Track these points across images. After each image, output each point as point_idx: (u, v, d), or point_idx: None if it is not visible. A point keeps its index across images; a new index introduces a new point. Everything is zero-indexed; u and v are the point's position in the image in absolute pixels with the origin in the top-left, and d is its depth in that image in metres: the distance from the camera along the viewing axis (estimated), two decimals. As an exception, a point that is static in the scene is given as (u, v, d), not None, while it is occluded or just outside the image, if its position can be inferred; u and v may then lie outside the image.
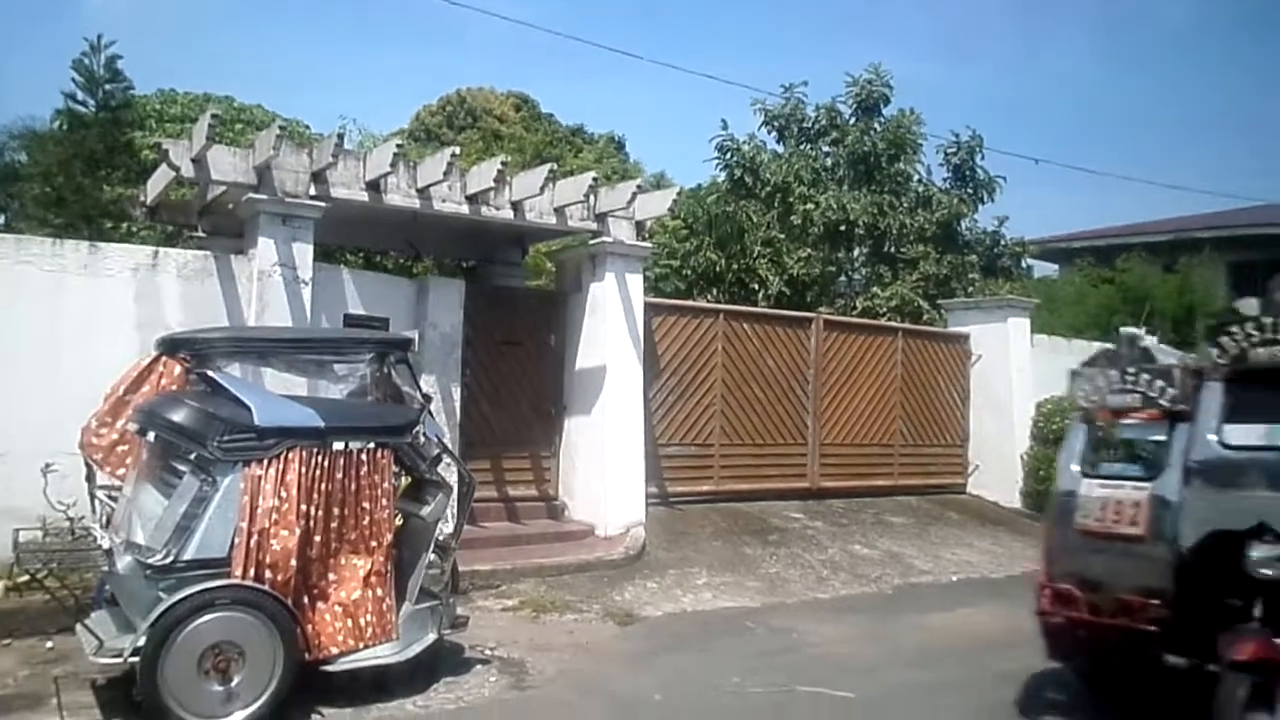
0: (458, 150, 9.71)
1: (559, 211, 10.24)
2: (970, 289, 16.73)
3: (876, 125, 17.69)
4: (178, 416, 5.45)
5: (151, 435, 5.51)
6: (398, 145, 9.17)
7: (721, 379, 12.02)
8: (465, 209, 9.71)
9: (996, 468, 14.09)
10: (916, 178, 17.84)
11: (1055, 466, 12.85)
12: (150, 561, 5.21)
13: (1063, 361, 14.65)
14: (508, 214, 9.97)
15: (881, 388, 13.61)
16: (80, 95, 13.41)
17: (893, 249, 17.10)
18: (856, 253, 17.93)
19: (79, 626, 5.57)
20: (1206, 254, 21.35)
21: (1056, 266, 25.45)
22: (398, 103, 48.28)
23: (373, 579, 5.76)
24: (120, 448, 5.93)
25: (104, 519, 5.92)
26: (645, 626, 7.97)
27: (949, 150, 18.04)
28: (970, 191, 18.06)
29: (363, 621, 5.70)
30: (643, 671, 6.71)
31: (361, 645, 5.68)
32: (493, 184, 9.55)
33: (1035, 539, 12.48)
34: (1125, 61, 61.68)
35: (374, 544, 5.77)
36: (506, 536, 9.93)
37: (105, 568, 5.62)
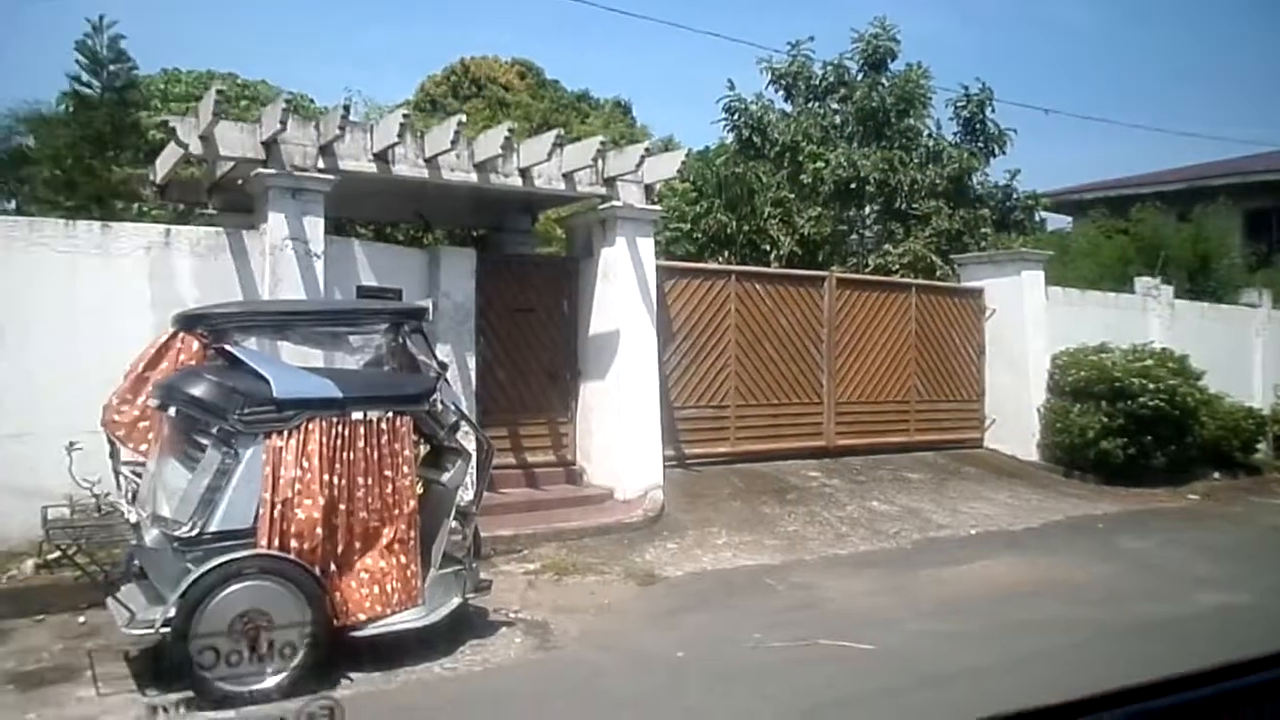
0: (464, 119, 9.67)
1: (567, 177, 10.21)
2: (983, 243, 16.63)
3: (884, 81, 17.51)
4: (198, 391, 5.51)
5: (173, 410, 5.58)
6: (404, 115, 9.15)
7: (735, 340, 12.02)
8: (474, 177, 9.70)
9: (1013, 421, 14.08)
10: (926, 133, 17.67)
11: (1071, 419, 12.97)
12: (177, 534, 5.29)
13: (1077, 313, 14.75)
14: (516, 181, 9.95)
15: (896, 344, 13.59)
16: (85, 77, 13.38)
17: (904, 205, 16.98)
18: (867, 210, 17.81)
19: (109, 600, 5.66)
20: (1221, 202, 21.16)
21: (1069, 219, 25.27)
22: (402, 74, 48.01)
23: (396, 546, 5.83)
24: (142, 424, 6.01)
25: (129, 494, 6.00)
26: (666, 586, 8.05)
27: (958, 104, 17.87)
28: (981, 145, 17.90)
29: (389, 588, 5.78)
30: (665, 630, 6.78)
31: (389, 611, 5.77)
32: (500, 151, 9.53)
33: (1053, 492, 12.61)
34: (1134, 7, 60.75)
35: (396, 511, 5.83)
36: (526, 502, 10.01)
37: (133, 542, 5.70)
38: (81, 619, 6.56)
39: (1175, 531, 10.86)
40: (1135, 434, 13.12)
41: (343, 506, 5.63)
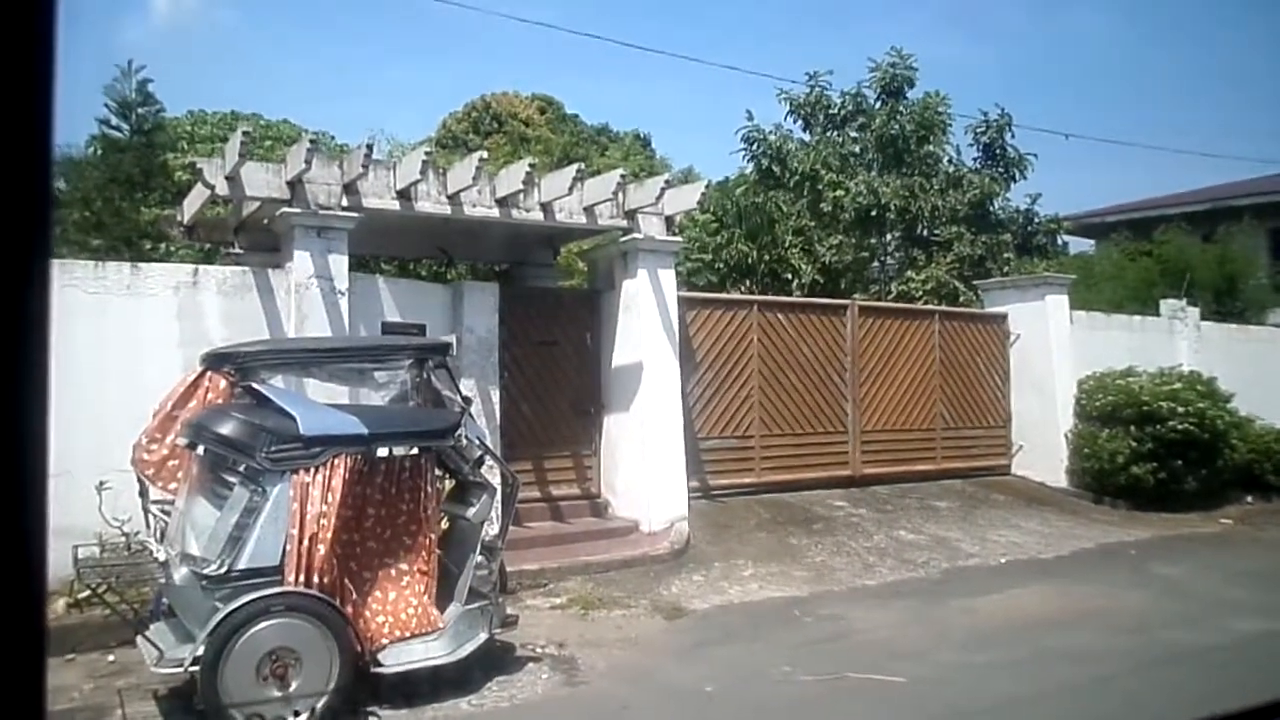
0: (485, 155, 9.77)
1: (588, 210, 10.28)
2: (1005, 268, 16.58)
3: (903, 108, 17.57)
4: (226, 429, 5.56)
5: (201, 449, 5.63)
6: (426, 153, 9.26)
7: (758, 370, 12.00)
8: (496, 212, 9.78)
9: (1041, 447, 13.95)
10: (946, 159, 17.70)
11: (1099, 444, 12.83)
12: (205, 572, 5.33)
13: (1103, 337, 14.64)
14: (538, 215, 10.03)
15: (920, 372, 13.53)
16: (114, 120, 13.65)
17: (925, 231, 16.98)
18: (889, 237, 17.80)
19: (139, 638, 5.69)
20: (1246, 222, 21.00)
21: (1093, 242, 25.12)
22: (423, 111, 48.70)
23: (417, 574, 5.87)
24: (171, 462, 6.05)
25: (159, 533, 6.04)
26: (693, 619, 8.00)
27: (978, 130, 17.92)
28: (1001, 170, 17.91)
29: (405, 614, 5.81)
30: (693, 664, 6.73)
31: (406, 635, 5.77)
32: (521, 186, 9.61)
33: (1083, 519, 12.46)
34: (1151, 29, 60.70)
35: (419, 541, 5.87)
36: (551, 535, 9.99)
37: (162, 580, 5.74)
38: (111, 657, 6.59)
39: (1209, 557, 10.69)
40: (1165, 458, 12.96)
41: (370, 544, 5.67)
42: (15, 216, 0.61)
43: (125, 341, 8.15)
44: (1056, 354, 14.03)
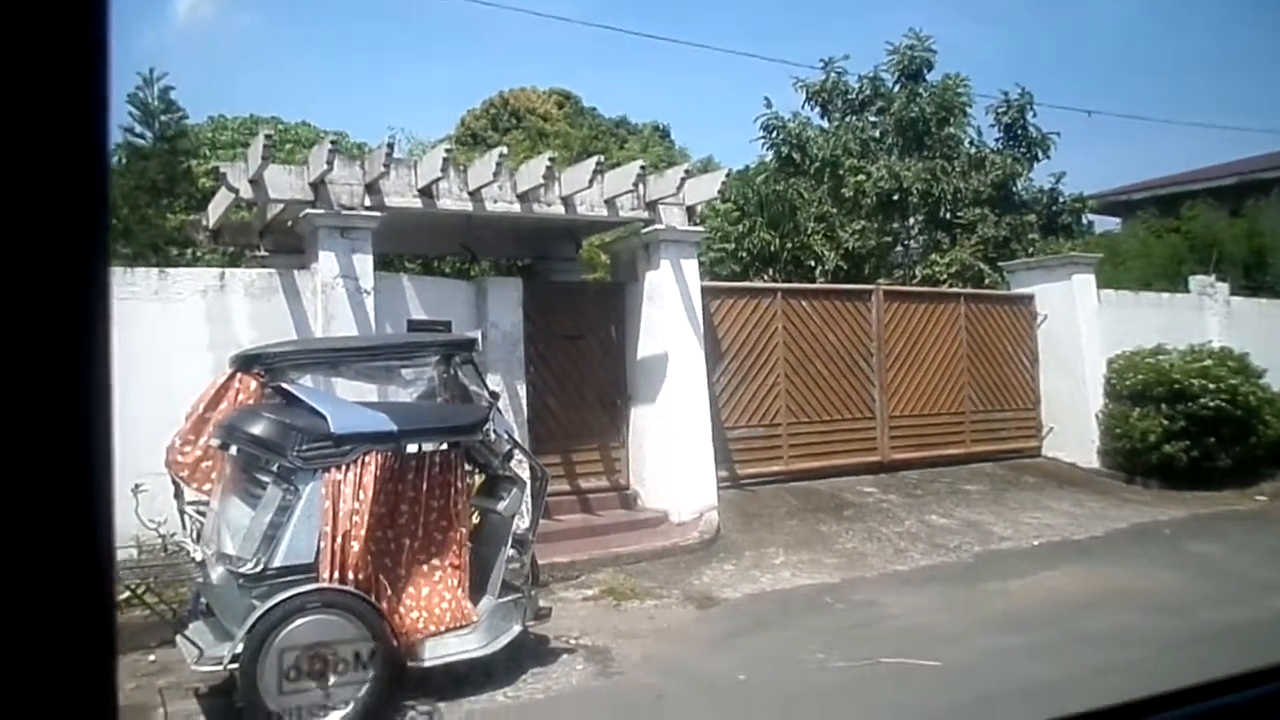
0: (505, 151, 9.80)
1: (609, 203, 10.29)
2: (1030, 249, 16.44)
3: (922, 91, 17.45)
4: (257, 429, 5.62)
5: (234, 449, 5.69)
6: (446, 150, 9.30)
7: (784, 358, 11.98)
8: (517, 208, 9.80)
9: (1071, 428, 13.84)
10: (968, 140, 17.58)
11: (1130, 423, 12.72)
12: (241, 571, 5.39)
13: (1131, 315, 14.50)
14: (559, 209, 10.05)
15: (947, 355, 13.45)
16: (138, 128, 13.77)
17: (948, 214, 16.86)
18: (912, 221, 17.68)
19: (179, 638, 5.77)
20: (1274, 195, 20.69)
21: (1118, 220, 24.85)
22: (442, 109, 48.77)
23: (449, 569, 5.92)
24: (205, 464, 6.12)
25: (194, 533, 6.12)
26: (725, 608, 8.01)
27: (999, 110, 17.77)
28: (1024, 150, 17.76)
29: (439, 609, 5.85)
30: (726, 653, 6.75)
31: (441, 629, 5.81)
32: (542, 181, 9.62)
33: (1116, 499, 12.37)
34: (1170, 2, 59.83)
35: (450, 536, 5.91)
36: (582, 528, 10.03)
37: (199, 580, 5.82)
38: (152, 657, 6.67)
39: (1244, 535, 10.59)
40: (1198, 436, 12.83)
41: (403, 539, 5.72)
42: (78, 221, 0.63)
43: (155, 346, 8.23)
44: (1085, 334, 13.91)
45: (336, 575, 5.43)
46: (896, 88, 17.77)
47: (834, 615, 7.68)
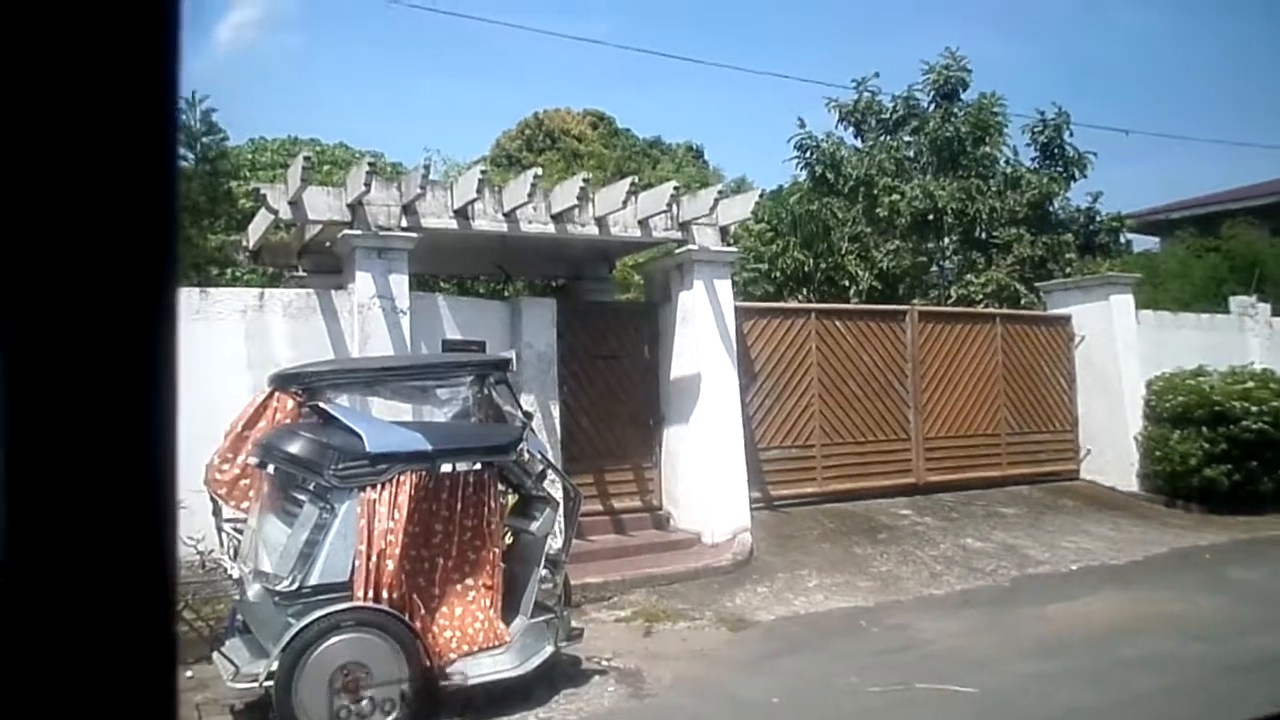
0: (540, 171, 9.88)
1: (643, 224, 10.33)
2: (1067, 269, 16.30)
3: (957, 110, 17.39)
4: (294, 448, 5.69)
5: (271, 468, 5.76)
6: (481, 171, 9.39)
7: (818, 379, 11.93)
8: (551, 229, 9.86)
9: (1110, 451, 13.66)
10: (1003, 159, 17.48)
11: (1170, 446, 12.53)
12: (278, 589, 5.44)
13: (1171, 336, 14.31)
14: (593, 230, 10.10)
15: (983, 376, 13.33)
16: (180, 150, 14.02)
17: (984, 234, 16.75)
18: (947, 241, 17.60)
19: (215, 654, 5.83)
20: (1317, 213, 20.40)
21: (1157, 239, 24.57)
22: (476, 130, 49.12)
23: (482, 589, 5.94)
24: (242, 482, 6.20)
25: (232, 551, 6.19)
26: (758, 631, 7.96)
27: (1035, 129, 17.65)
28: (1060, 169, 17.62)
29: (473, 629, 5.87)
30: (759, 675, 6.71)
31: (474, 649, 5.83)
32: (576, 202, 9.68)
33: (1156, 523, 12.17)
34: (1207, 16, 59.26)
35: (484, 555, 5.93)
36: (615, 548, 10.01)
37: (236, 597, 5.88)
38: (189, 673, 6.72)
39: (1289, 561, 10.38)
40: (1239, 459, 12.61)
41: (437, 559, 5.75)
42: (150, 238, 0.65)
43: (195, 365, 8.31)
44: (1123, 355, 13.73)
45: (371, 594, 5.47)
46: (931, 107, 17.73)
47: (868, 639, 7.61)
